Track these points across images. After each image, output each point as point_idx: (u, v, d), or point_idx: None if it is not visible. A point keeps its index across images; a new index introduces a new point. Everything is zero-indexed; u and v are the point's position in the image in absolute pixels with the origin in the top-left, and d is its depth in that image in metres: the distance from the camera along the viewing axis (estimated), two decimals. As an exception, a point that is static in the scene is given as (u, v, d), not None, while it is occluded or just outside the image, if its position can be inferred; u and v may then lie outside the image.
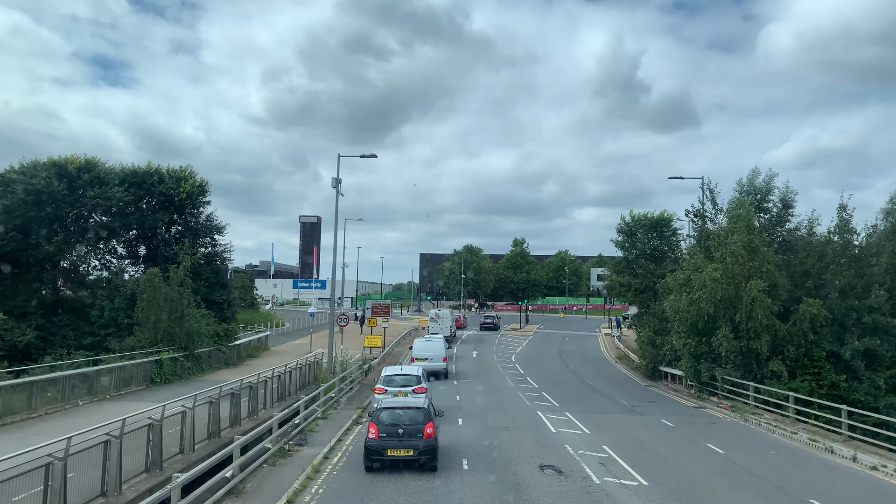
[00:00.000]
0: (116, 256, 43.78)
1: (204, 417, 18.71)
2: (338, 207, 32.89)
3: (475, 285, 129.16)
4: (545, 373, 41.56)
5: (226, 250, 46.60)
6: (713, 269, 30.45)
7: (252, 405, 22.80)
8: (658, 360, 39.28)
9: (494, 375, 39.89)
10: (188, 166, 45.43)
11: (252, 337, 48.45)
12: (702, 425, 24.51)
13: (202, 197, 45.35)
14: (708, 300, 30.22)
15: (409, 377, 24.84)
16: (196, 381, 33.50)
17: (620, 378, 41.21)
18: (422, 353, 38.59)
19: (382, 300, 50.86)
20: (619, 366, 47.62)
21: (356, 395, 31.15)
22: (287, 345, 54.89)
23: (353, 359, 42.37)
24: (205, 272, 44.71)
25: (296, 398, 27.70)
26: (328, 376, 31.27)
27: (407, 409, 17.19)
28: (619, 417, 25.64)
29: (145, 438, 14.98)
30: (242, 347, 44.90)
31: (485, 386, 35.08)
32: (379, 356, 44.84)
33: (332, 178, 32.50)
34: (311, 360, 34.48)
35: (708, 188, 36.30)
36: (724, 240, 31.88)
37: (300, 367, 30.51)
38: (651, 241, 49.36)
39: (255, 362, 43.72)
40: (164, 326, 33.82)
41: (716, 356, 31.27)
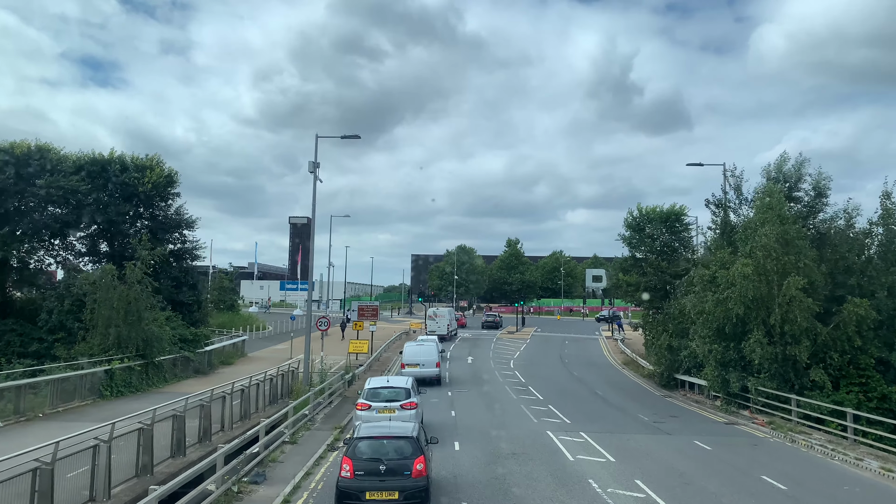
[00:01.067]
0: (74, 253, 39.67)
1: (133, 448, 14.72)
2: (315, 193, 28.96)
3: (468, 286, 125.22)
4: (548, 381, 37.67)
5: (196, 247, 42.53)
6: (743, 264, 26.62)
7: (204, 427, 18.78)
8: (674, 366, 35.47)
9: (492, 384, 35.97)
10: (156, 155, 41.52)
11: (226, 342, 44.32)
12: (744, 448, 20.67)
13: (170, 188, 41.35)
14: (737, 300, 26.39)
15: (397, 390, 21.22)
16: (155, 393, 29.43)
17: (631, 387, 37.35)
18: (413, 358, 35.73)
19: (370, 301, 46.85)
20: (627, 372, 43.78)
21: (336, 410, 27.14)
22: (267, 350, 50.79)
23: (335, 367, 38.37)
24: (172, 270, 40.65)
25: (264, 415, 23.71)
26: (304, 388, 27.26)
27: (391, 438, 13.62)
28: (643, 438, 21.74)
29: (29, 486, 10.98)
30: (215, 354, 40.78)
31: (483, 397, 31.16)
32: (365, 363, 40.84)
33: (308, 162, 28.52)
34: (287, 369, 30.39)
35: (731, 175, 32.54)
36: (753, 232, 28.11)
37: (271, 379, 26.45)
38: (661, 237, 45.64)
39: (228, 370, 39.65)
40: (119, 331, 29.74)
41: (746, 364, 27.48)
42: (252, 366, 42.12)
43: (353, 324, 46.13)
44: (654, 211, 45.54)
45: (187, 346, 35.70)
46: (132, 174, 39.06)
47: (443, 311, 67.19)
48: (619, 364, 47.82)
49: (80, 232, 38.95)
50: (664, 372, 35.81)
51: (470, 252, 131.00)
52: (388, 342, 55.22)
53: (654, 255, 46.03)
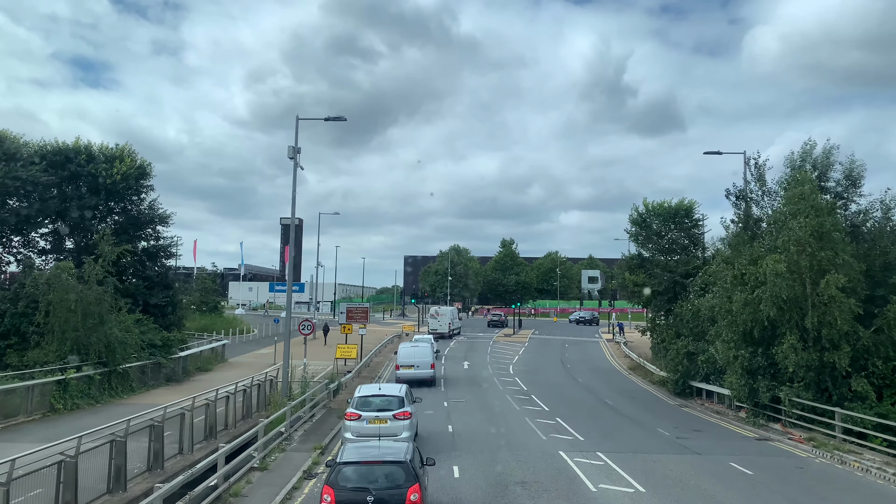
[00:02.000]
0: (37, 251, 36.50)
1: (52, 483, 11.71)
2: (296, 180, 25.99)
3: (463, 288, 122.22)
4: (552, 388, 34.75)
5: (172, 244, 39.45)
6: (775, 260, 23.79)
7: (156, 451, 15.76)
8: (690, 373, 32.63)
9: (492, 393, 33.04)
10: (127, 144, 38.37)
11: (204, 347, 41.20)
12: (790, 472, 17.78)
13: (143, 181, 38.25)
14: (769, 301, 23.56)
15: (389, 399, 19.35)
16: (117, 404, 26.41)
17: (642, 395, 34.46)
18: (407, 359, 35.06)
19: (360, 303, 43.85)
20: (635, 378, 40.92)
21: (318, 425, 24.11)
22: (249, 355, 47.66)
23: (319, 374, 35.37)
24: (145, 270, 37.58)
25: (234, 433, 20.70)
26: (283, 401, 24.24)
27: (381, 464, 11.66)
28: (671, 460, 18.82)
29: None
30: (191, 360, 37.69)
31: (483, 408, 28.23)
32: (354, 369, 37.82)
33: (289, 147, 25.53)
34: (265, 378, 27.32)
35: (754, 163, 29.71)
36: (782, 225, 25.30)
37: (244, 390, 23.39)
38: (669, 234, 42.84)
39: (205, 377, 36.57)
40: (77, 336, 26.67)
41: (776, 371, 24.67)
42: (231, 372, 39.08)
43: (341, 327, 43.11)
44: (661, 206, 42.75)
45: (158, 352, 32.62)
46: (100, 165, 35.98)
47: (444, 309, 67.95)
48: (624, 369, 44.96)
49: (42, 228, 35.85)
50: (679, 379, 32.94)
51: (464, 252, 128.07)
52: (380, 346, 52.20)
53: (661, 253, 43.27)
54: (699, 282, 36.16)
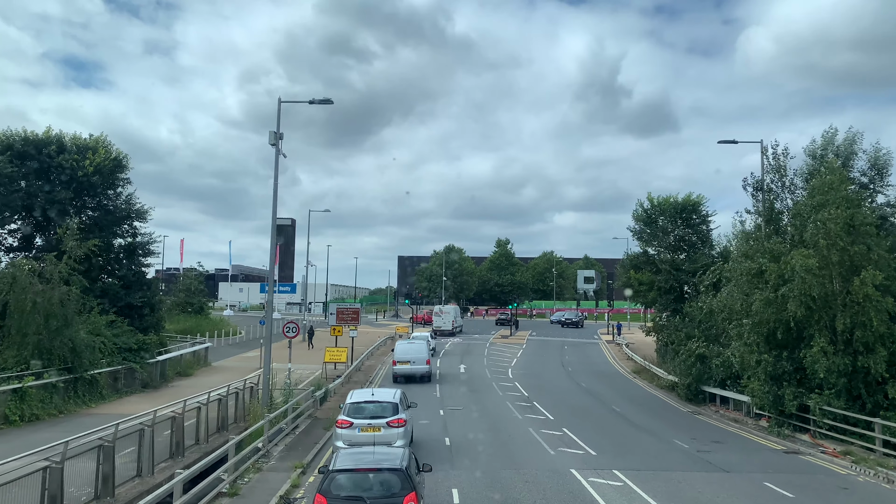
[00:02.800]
0: (3, 249, 34.15)
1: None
2: (277, 169, 23.74)
3: (457, 288, 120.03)
4: (555, 394, 32.63)
5: (150, 241, 37.08)
6: (803, 255, 21.70)
7: (104, 474, 13.51)
8: (702, 377, 30.56)
9: (491, 399, 30.89)
10: (101, 135, 35.99)
11: (185, 350, 38.89)
12: (834, 493, 15.70)
13: (119, 174, 35.91)
14: (797, 300, 21.48)
15: (383, 405, 18.39)
16: (83, 415, 24.13)
17: (651, 401, 32.36)
18: (404, 355, 36.75)
19: (350, 304, 41.63)
20: (641, 382, 38.83)
21: (302, 437, 21.87)
22: (235, 358, 45.40)
23: (307, 380, 33.29)
24: (121, 268, 35.28)
25: (207, 448, 18.48)
26: (262, 411, 22.00)
27: (376, 471, 11.14)
28: (697, 479, 16.69)
29: None
30: (170, 364, 35.42)
31: (482, 417, 26.06)
32: (344, 374, 35.57)
33: (270, 132, 23.31)
34: (242, 386, 25.03)
35: (772, 152, 27.63)
36: (807, 217, 23.23)
37: (219, 400, 21.12)
38: (676, 230, 40.80)
39: (184, 383, 34.32)
40: (39, 339, 24.37)
41: (802, 377, 22.61)
42: (214, 377, 36.81)
43: (330, 329, 40.87)
44: (668, 201, 40.71)
45: (133, 357, 30.33)
46: (72, 156, 33.62)
47: (448, 308, 71.90)
48: (628, 373, 42.88)
49: (9, 224, 33.49)
50: (691, 384, 30.84)
51: (459, 252, 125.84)
52: (372, 348, 49.98)
53: (667, 250, 41.26)
54: (708, 279, 34.15)
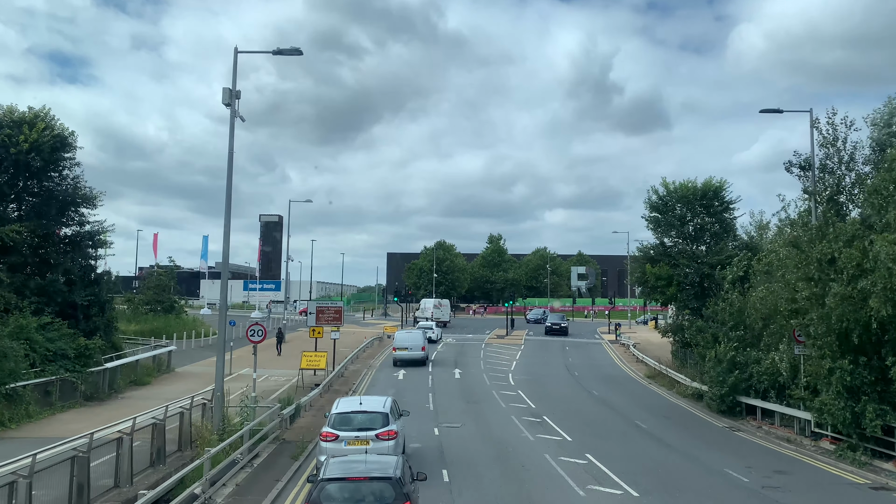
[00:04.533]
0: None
1: None
2: (233, 131, 19.19)
3: (449, 285, 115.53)
4: (566, 407, 28.29)
5: (101, 230, 32.40)
6: (888, 241, 17.41)
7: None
8: (738, 386, 26.33)
9: (494, 412, 26.51)
10: (44, 108, 31.21)
11: (142, 355, 34.23)
12: None
13: (63, 152, 31.20)
14: (881, 295, 17.20)
15: (372, 416, 16.66)
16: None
17: (678, 414, 28.04)
18: (402, 343, 41.61)
19: (332, 301, 37.10)
20: (658, 389, 34.54)
21: (261, 472, 17.32)
22: (204, 363, 40.66)
23: (277, 392, 28.82)
24: (63, 261, 30.62)
25: (129, 494, 13.94)
26: (212, 437, 17.44)
27: (369, 480, 10.48)
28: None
29: None
30: (124, 371, 30.89)
31: (485, 438, 21.65)
32: (323, 382, 31.02)
33: (223, 90, 18.75)
34: (189, 404, 20.36)
35: (827, 121, 23.32)
36: (889, 196, 18.97)
37: (154, 425, 16.51)
38: (696, 218, 36.59)
39: (139, 394, 29.82)
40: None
41: (884, 390, 18.39)
42: (175, 386, 32.28)
43: (309, 330, 36.33)
44: (685, 187, 36.49)
45: (71, 364, 25.74)
46: (4, 131, 28.93)
47: (444, 301, 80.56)
48: (642, 377, 38.59)
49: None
50: (725, 394, 26.54)
51: (450, 249, 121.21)
52: (357, 351, 45.48)
53: (684, 241, 37.08)
54: (732, 273, 29.99)
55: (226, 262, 20.79)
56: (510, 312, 71.26)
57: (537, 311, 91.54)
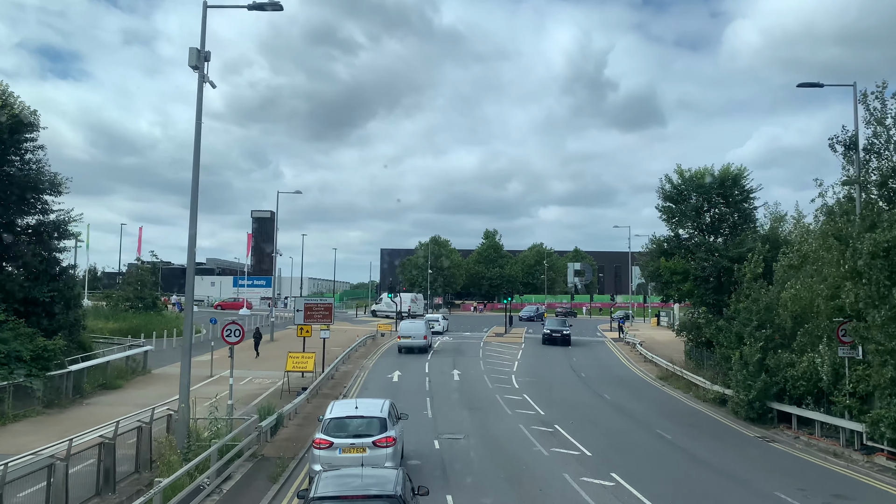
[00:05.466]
0: None
1: None
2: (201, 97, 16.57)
3: (444, 281, 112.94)
4: (578, 413, 25.76)
5: (67, 220, 29.60)
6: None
7: None
8: (769, 392, 23.85)
9: (499, 420, 23.93)
10: (1, 84, 28.35)
11: (114, 356, 31.46)
12: None
13: (25, 134, 28.37)
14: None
15: (369, 421, 15.50)
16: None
17: (701, 421, 25.48)
18: (406, 332, 45.28)
19: (322, 298, 34.38)
20: (673, 392, 32.04)
21: (231, 499, 14.68)
22: (184, 363, 37.98)
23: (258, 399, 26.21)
24: (23, 254, 27.84)
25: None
26: (173, 458, 14.76)
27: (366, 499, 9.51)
28: None
29: None
30: (92, 374, 28.18)
31: (494, 454, 19.07)
32: (311, 385, 28.36)
33: (191, 51, 16.17)
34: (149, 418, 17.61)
35: (875, 96, 20.78)
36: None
37: (102, 445, 13.82)
38: (713, 209, 34.07)
39: (108, 399, 27.13)
40: None
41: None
42: (149, 390, 29.61)
43: (297, 329, 33.67)
44: (702, 175, 33.91)
45: (28, 367, 23.02)
46: (-44, 110, 26.10)
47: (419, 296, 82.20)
48: (654, 380, 36.07)
49: None
50: (755, 399, 24.04)
51: (444, 244, 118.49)
52: (349, 350, 42.83)
53: (700, 232, 34.57)
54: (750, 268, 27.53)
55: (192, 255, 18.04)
56: (508, 309, 68.66)
57: (530, 308, 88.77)
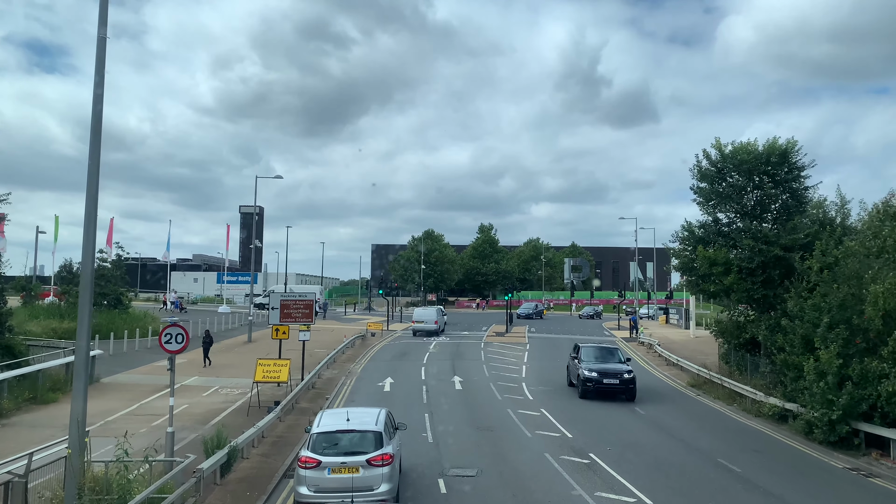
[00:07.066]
0: None
1: None
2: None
3: (437, 278, 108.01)
4: (610, 433, 20.96)
5: (-11, 200, 24.52)
6: None
7: None
8: (852, 409, 19.14)
9: (516, 444, 19.09)
10: None
11: (49, 364, 26.30)
12: None
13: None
14: None
15: (364, 435, 13.27)
16: None
17: (771, 446, 20.52)
18: (420, 318, 51.84)
19: (300, 295, 29.50)
20: (713, 403, 27.24)
21: None
22: (145, 368, 32.99)
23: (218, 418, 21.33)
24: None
25: None
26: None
27: None
28: None
29: None
30: (21, 386, 23.27)
31: (517, 496, 14.24)
32: (283, 401, 23.33)
33: None
34: (24, 472, 12.60)
35: None
36: None
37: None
38: (759, 190, 29.28)
39: (32, 417, 22.41)
40: None
41: None
42: (92, 404, 24.29)
43: (272, 330, 28.66)
44: (745, 149, 29.12)
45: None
46: None
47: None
48: (685, 387, 31.25)
49: None
50: (838, 419, 19.26)
51: (438, 239, 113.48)
52: (335, 353, 37.91)
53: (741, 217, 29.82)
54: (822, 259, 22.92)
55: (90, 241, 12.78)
56: (509, 307, 63.83)
57: (528, 305, 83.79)
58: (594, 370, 26.71)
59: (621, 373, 26.72)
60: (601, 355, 28.35)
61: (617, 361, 27.94)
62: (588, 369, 26.85)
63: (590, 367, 27.00)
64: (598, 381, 26.33)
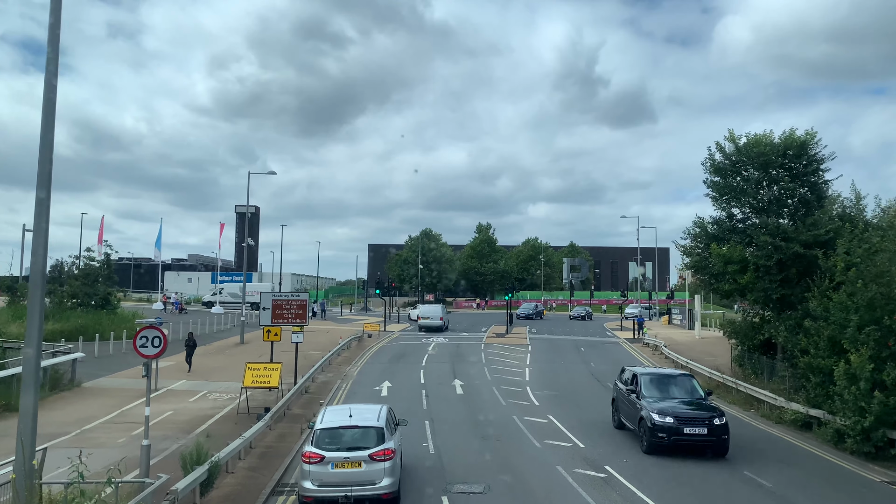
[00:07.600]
0: None
1: None
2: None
3: (435, 277, 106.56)
4: (623, 440, 19.52)
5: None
6: None
7: None
8: (890, 418, 17.75)
9: (524, 455, 17.67)
10: None
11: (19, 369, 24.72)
12: None
13: None
14: None
15: (365, 431, 13.49)
16: None
17: (801, 457, 19.05)
18: (425, 314, 55.86)
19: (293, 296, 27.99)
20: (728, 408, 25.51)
21: None
22: (129, 372, 31.45)
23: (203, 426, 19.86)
24: None
25: None
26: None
27: None
28: None
29: None
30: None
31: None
32: (273, 408, 21.84)
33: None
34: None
35: None
36: None
37: None
38: (776, 185, 27.89)
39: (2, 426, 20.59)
40: None
41: None
42: (70, 410, 23.31)
43: (263, 332, 27.19)
44: (760, 142, 27.74)
45: None
46: None
47: None
48: (698, 391, 29.85)
49: None
50: (871, 428, 17.87)
51: (436, 238, 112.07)
52: (330, 355, 36.45)
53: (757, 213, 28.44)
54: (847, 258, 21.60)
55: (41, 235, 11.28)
56: (510, 307, 62.40)
57: (528, 305, 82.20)
58: (668, 414, 17.92)
59: (710, 419, 17.96)
60: (671, 389, 19.69)
61: (696, 398, 19.39)
62: (659, 412, 17.99)
63: (660, 408, 18.18)
64: (676, 431, 17.56)
